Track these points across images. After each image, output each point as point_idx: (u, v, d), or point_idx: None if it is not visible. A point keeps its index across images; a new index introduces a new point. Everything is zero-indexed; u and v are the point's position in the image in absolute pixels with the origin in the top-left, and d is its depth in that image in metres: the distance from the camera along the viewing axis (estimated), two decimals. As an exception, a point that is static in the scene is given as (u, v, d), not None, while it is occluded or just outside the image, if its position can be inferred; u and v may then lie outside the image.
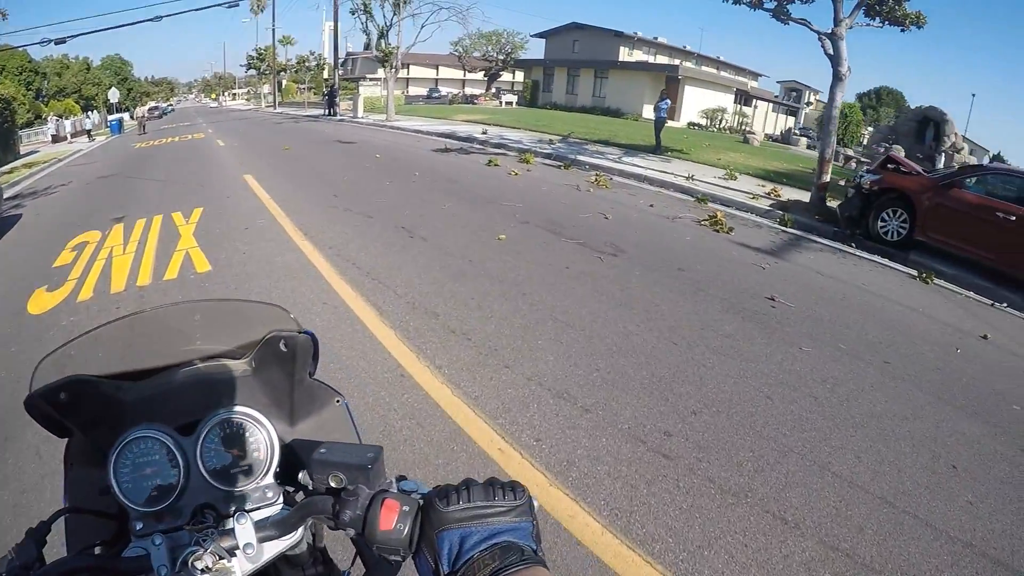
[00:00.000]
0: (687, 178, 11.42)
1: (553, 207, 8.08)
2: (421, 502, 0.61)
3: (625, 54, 35.71)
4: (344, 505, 0.61)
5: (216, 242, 5.82)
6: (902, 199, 8.23)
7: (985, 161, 24.69)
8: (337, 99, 26.04)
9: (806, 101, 46.33)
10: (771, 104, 39.67)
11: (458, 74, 50.81)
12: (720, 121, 31.30)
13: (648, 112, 31.94)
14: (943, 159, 23.13)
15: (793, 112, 43.69)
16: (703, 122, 30.77)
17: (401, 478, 0.67)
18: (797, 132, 32.84)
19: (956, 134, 23.85)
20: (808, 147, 27.50)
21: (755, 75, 42.72)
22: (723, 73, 37.58)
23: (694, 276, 5.65)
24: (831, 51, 9.06)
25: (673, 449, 2.84)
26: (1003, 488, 2.91)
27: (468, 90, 46.72)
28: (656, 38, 36.90)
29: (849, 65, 8.99)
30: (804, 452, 2.93)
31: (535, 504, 0.62)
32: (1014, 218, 7.43)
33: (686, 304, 4.87)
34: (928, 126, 24.31)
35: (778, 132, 35.12)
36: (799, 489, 2.62)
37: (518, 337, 3.83)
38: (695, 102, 31.69)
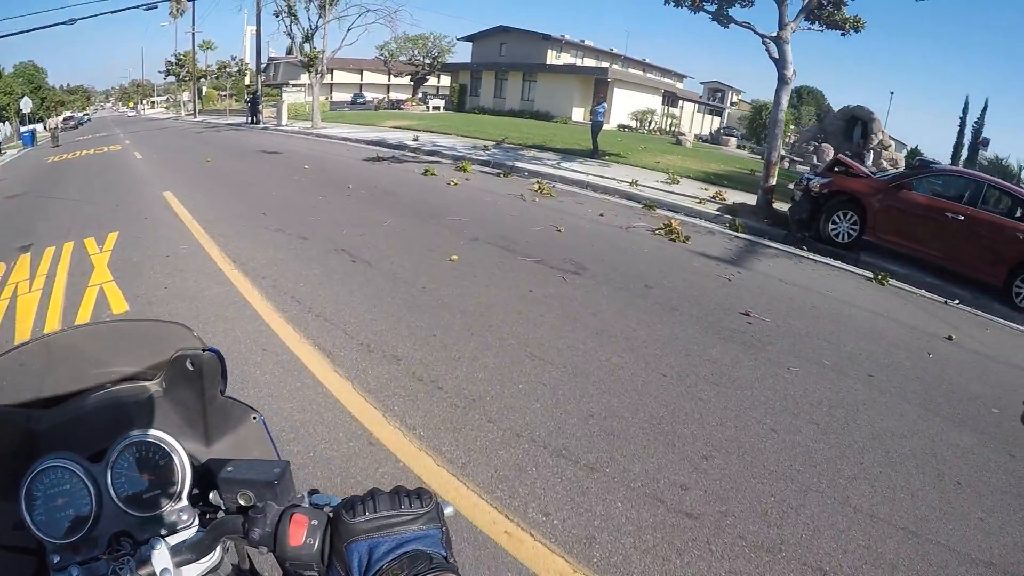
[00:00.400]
0: (631, 183, 11.47)
1: (501, 220, 7.75)
2: (330, 515, 0.62)
3: (553, 57, 36.22)
4: (253, 523, 0.62)
5: (134, 274, 5.03)
6: (852, 201, 8.55)
7: (903, 155, 26.74)
8: (260, 106, 24.59)
9: (730, 101, 49.01)
10: (696, 105, 41.59)
11: (383, 79, 50.69)
12: (649, 123, 32.33)
13: (577, 115, 32.56)
14: (871, 157, 24.93)
15: (717, 112, 46.10)
16: (632, 124, 31.66)
17: (313, 492, 0.68)
18: (724, 132, 34.52)
19: (883, 132, 25.86)
20: (737, 147, 28.91)
21: (680, 76, 44.66)
22: (650, 75, 38.93)
23: (664, 294, 5.50)
24: (776, 55, 9.35)
25: (694, 506, 2.58)
26: (1005, 499, 3.03)
27: (393, 95, 46.08)
28: (583, 41, 37.73)
29: (794, 68, 9.31)
30: (822, 488, 2.84)
31: (448, 510, 0.64)
32: (962, 217, 7.90)
33: (664, 327, 4.67)
34: (856, 125, 26.22)
35: (705, 132, 36.85)
36: (828, 532, 2.53)
37: (495, 381, 3.43)
38: (624, 104, 32.56)
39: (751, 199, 11.48)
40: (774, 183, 10.09)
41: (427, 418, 2.97)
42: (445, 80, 46.65)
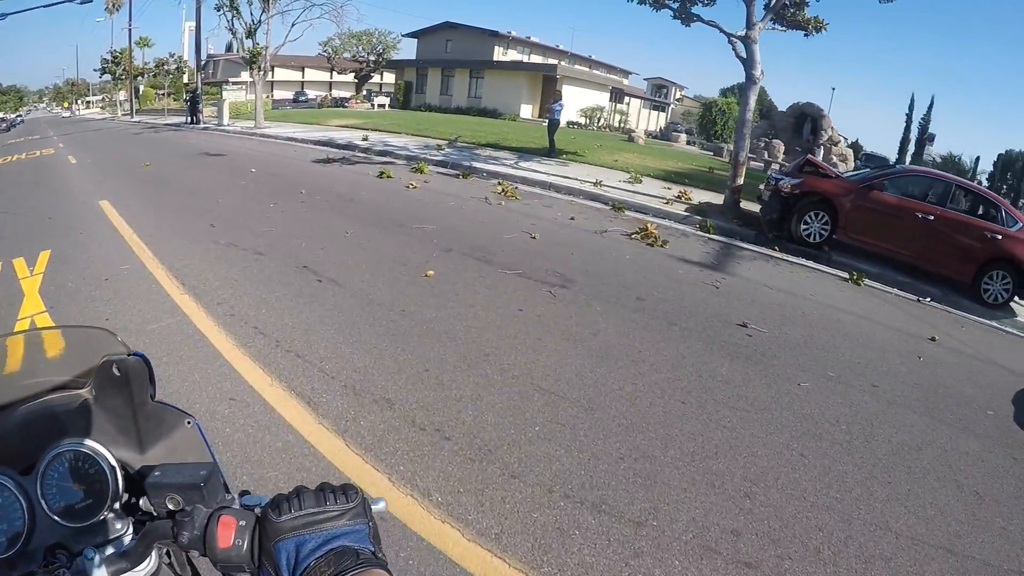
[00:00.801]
0: (595, 184, 11.39)
1: (470, 227, 7.42)
2: (259, 515, 0.62)
3: (500, 53, 36.01)
4: (181, 527, 0.63)
5: (69, 302, 4.33)
6: (824, 202, 8.71)
7: (851, 151, 27.99)
8: (200, 105, 23.05)
9: (674, 97, 50.25)
10: (642, 101, 42.38)
11: (325, 76, 49.78)
12: (598, 120, 32.64)
13: (526, 112, 32.52)
14: (822, 152, 26.03)
15: (661, 108, 47.13)
16: (582, 121, 31.88)
17: (244, 493, 0.68)
18: (674, 129, 35.28)
19: (832, 128, 27.05)
20: (687, 143, 29.55)
21: (626, 73, 45.43)
22: (597, 72, 39.36)
23: (658, 307, 5.36)
24: (744, 54, 9.43)
25: (750, 553, 2.44)
26: (1020, 503, 3.18)
27: (336, 93, 44.92)
28: (529, 37, 37.68)
29: (762, 68, 9.43)
30: (862, 515, 2.82)
31: (379, 506, 0.67)
32: (932, 217, 8.19)
33: (667, 346, 4.50)
34: (805, 121, 27.34)
35: (651, 128, 37.56)
36: (879, 563, 2.51)
37: (507, 426, 3.12)
38: (573, 101, 32.67)
39: (716, 198, 11.66)
40: (742, 183, 10.23)
41: (441, 479, 2.63)
42: (389, 77, 45.81)
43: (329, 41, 38.81)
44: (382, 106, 36.50)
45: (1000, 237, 7.94)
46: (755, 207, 10.25)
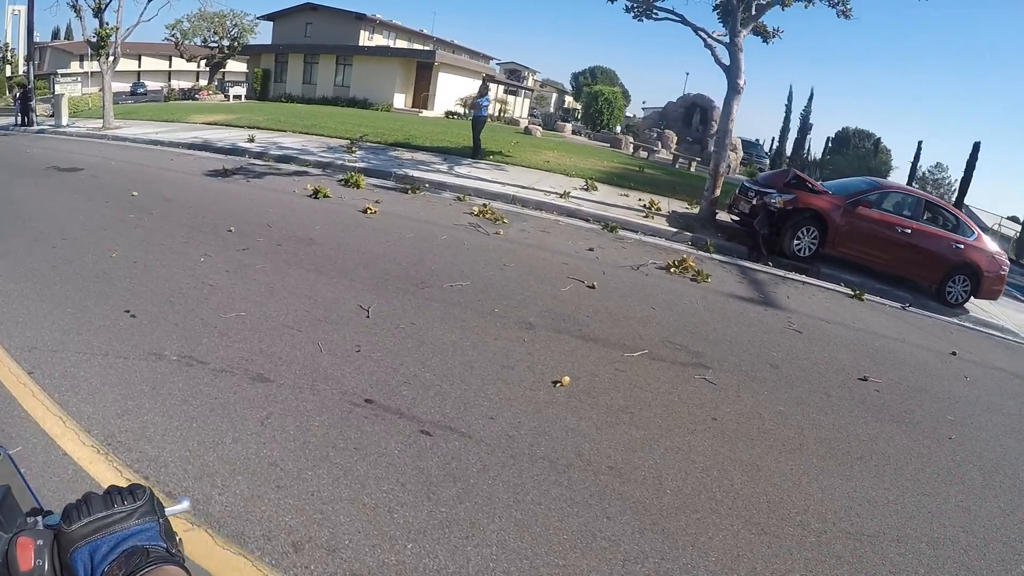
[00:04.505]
0: (561, 195, 9.90)
1: (506, 279, 5.47)
2: (56, 531, 0.60)
3: (365, 38, 32.04)
4: None
5: None
6: (815, 217, 8.24)
7: (739, 140, 29.08)
8: (33, 103, 16.34)
9: (529, 82, 49.49)
10: (505, 87, 40.95)
11: (164, 65, 42.72)
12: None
13: (399, 102, 29.47)
14: (714, 143, 26.39)
15: (514, 92, 46.00)
16: (461, 111, 29.64)
17: (47, 513, 0.65)
18: (562, 118, 34.42)
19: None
20: (574, 132, 28.75)
21: (487, 58, 43.46)
22: (466, 58, 36.95)
23: (792, 372, 4.54)
24: (727, 61, 8.39)
25: None
26: None
27: (178, 83, 37.09)
28: (392, 20, 34.02)
29: (745, 78, 8.45)
30: None
31: (183, 504, 0.68)
32: (909, 231, 8.20)
33: (855, 427, 3.75)
34: (695, 112, 27.80)
35: (518, 116, 36.23)
36: None
37: None
38: (449, 90, 30.32)
39: (679, 205, 10.79)
40: (719, 194, 9.36)
41: None
42: (239, 66, 39.22)
43: (177, 24, 31.18)
44: (238, 97, 30.50)
45: (962, 247, 8.45)
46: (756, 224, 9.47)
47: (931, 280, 8.35)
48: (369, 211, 7.42)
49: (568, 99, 64.61)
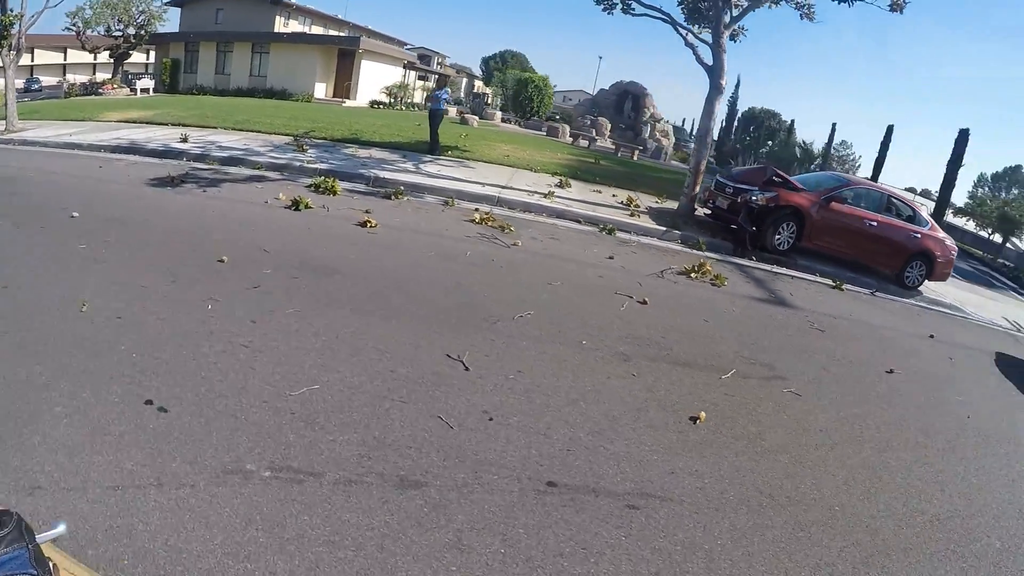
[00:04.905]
0: (546, 195, 9.51)
1: (558, 302, 4.93)
2: None
3: (281, 24, 29.13)
4: None
5: None
6: (794, 213, 8.56)
7: (670, 127, 29.70)
8: None
9: (437, 67, 47.89)
10: (414, 73, 39.37)
11: (58, 58, 37.27)
12: (403, 99, 29.13)
13: (320, 91, 27.42)
14: (648, 130, 26.82)
15: (424, 78, 44.44)
16: (386, 100, 28.07)
17: None
18: (498, 107, 33.49)
19: (654, 107, 28.06)
20: (503, 121, 28.11)
21: (400, 43, 41.47)
22: (392, 45, 34.92)
23: (838, 372, 4.76)
24: (709, 62, 8.39)
25: None
26: None
27: (77, 77, 31.95)
28: (307, 5, 31.28)
29: (728, 77, 8.51)
30: None
31: (58, 529, 0.67)
32: (876, 224, 8.73)
33: (923, 415, 3.52)
34: (627, 99, 27.89)
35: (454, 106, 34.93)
36: None
37: None
38: (372, 78, 28.54)
39: (651, 200, 10.84)
40: (698, 191, 9.48)
41: None
42: (143, 58, 34.43)
43: (79, 12, 26.38)
44: (145, 91, 26.52)
45: (919, 236, 9.07)
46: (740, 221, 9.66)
47: (893, 267, 8.94)
48: (369, 225, 6.61)
49: (478, 84, 63.57)
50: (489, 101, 40.14)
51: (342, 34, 32.39)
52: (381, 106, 27.18)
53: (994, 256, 18.30)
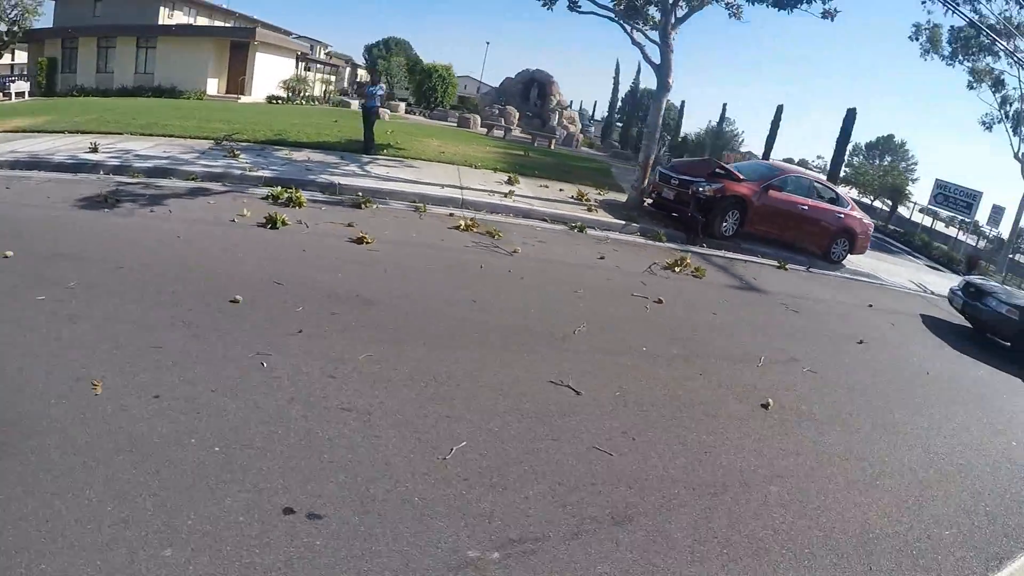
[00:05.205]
0: (506, 195, 9.50)
1: (592, 307, 5.09)
2: None
3: (165, 15, 25.60)
4: None
5: None
6: (738, 202, 9.30)
7: (576, 113, 29.83)
8: None
9: (322, 56, 45.17)
10: (318, 66, 37.04)
11: None
12: (302, 93, 27.15)
13: (213, 88, 24.88)
14: (556, 117, 26.79)
15: (310, 70, 41.74)
16: (283, 95, 26.02)
17: None
18: (400, 98, 32.08)
19: (559, 94, 28.10)
20: (407, 111, 27.20)
21: (286, 32, 38.52)
22: (287, 36, 32.20)
23: (823, 347, 5.39)
24: (657, 60, 8.79)
25: None
26: None
27: None
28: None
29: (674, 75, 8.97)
30: None
31: None
32: (807, 207, 9.73)
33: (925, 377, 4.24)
34: (533, 87, 27.78)
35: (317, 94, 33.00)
36: None
37: None
38: (267, 72, 26.25)
39: (595, 194, 11.20)
40: (646, 184, 9.99)
41: None
42: (9, 58, 28.16)
43: None
44: (20, 94, 22.04)
45: (842, 216, 10.25)
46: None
47: (821, 246, 10.01)
48: (365, 242, 6.14)
49: (361, 73, 60.74)
50: (391, 92, 38.65)
51: (231, 25, 29.48)
52: (279, 101, 25.15)
53: (884, 223, 20.82)
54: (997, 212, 19.03)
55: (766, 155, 23.67)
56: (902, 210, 23.98)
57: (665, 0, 9.04)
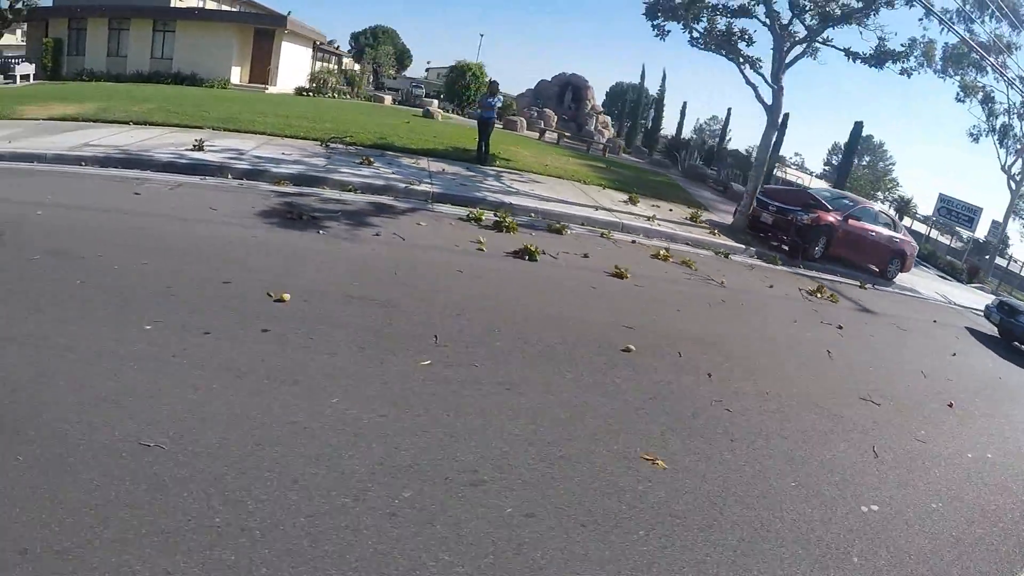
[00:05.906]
0: (649, 219, 10.63)
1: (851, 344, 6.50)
2: None
3: None
4: None
5: None
6: (828, 229, 10.85)
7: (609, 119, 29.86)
8: None
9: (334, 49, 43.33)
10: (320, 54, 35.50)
11: None
12: (329, 85, 26.33)
13: (236, 76, 23.82)
14: (593, 122, 27.16)
15: (323, 60, 40.06)
16: (309, 87, 25.26)
17: None
18: (428, 95, 31.13)
19: (594, 99, 28.59)
20: (439, 108, 26.88)
21: (283, 18, 36.41)
22: (305, 24, 30.63)
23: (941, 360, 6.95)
24: (769, 101, 10.22)
25: None
26: None
27: None
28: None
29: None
30: None
31: None
32: (874, 234, 11.54)
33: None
34: (568, 90, 28.19)
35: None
36: None
37: None
38: (291, 62, 25.23)
39: (685, 213, 12.24)
40: (750, 210, 11.53)
41: None
42: (12, 39, 25.23)
43: None
44: (26, 77, 19.49)
45: (898, 240, 12.03)
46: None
47: (881, 266, 11.81)
48: (624, 277, 6.56)
49: (346, 62, 58.21)
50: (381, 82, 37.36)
51: (223, 7, 27.74)
52: (309, 94, 24.55)
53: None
54: (996, 227, 21.06)
55: (838, 185, 24.93)
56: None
57: (780, 47, 10.46)
